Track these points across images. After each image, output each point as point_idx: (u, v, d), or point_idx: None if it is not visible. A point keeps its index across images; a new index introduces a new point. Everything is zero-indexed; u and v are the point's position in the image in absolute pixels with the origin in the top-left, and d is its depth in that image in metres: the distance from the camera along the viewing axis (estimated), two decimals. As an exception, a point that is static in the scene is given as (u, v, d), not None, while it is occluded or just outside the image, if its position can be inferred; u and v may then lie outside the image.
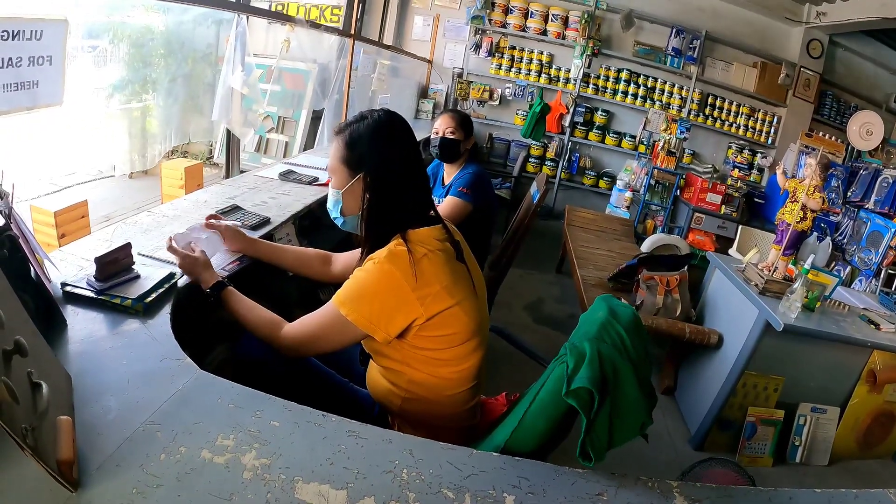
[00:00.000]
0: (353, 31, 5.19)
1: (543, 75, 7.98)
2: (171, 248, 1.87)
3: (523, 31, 7.88)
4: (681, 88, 7.87)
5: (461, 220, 3.04)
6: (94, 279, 1.63)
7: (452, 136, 3.24)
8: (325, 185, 3.13)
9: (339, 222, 1.81)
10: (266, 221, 2.53)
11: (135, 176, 6.72)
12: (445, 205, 3.11)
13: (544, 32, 7.84)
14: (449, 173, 3.36)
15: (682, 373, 3.99)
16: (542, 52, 7.99)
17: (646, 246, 5.55)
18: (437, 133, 3.28)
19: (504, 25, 7.90)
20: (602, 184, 8.17)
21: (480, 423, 1.89)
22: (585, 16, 7.45)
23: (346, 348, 1.69)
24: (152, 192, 6.06)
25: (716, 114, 7.96)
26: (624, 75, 7.90)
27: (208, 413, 1.24)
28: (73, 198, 4.44)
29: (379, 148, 1.68)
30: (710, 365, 3.63)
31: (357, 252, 1.97)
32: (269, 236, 2.44)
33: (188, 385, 1.32)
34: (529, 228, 3.12)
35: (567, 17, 7.74)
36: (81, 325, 1.51)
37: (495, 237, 3.37)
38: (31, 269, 1.46)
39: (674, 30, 7.58)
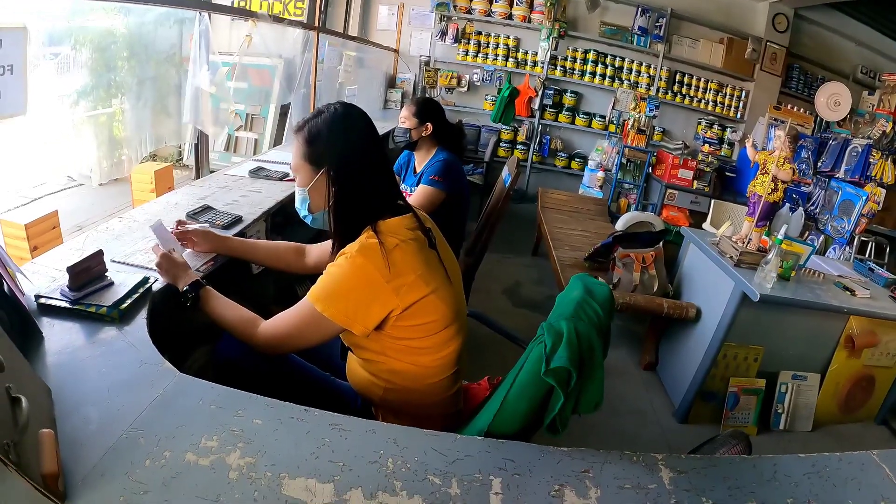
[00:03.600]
0: (317, 24, 5.16)
1: (511, 59, 7.97)
2: (154, 248, 1.88)
3: (489, 16, 7.84)
4: (648, 67, 7.90)
5: (434, 207, 3.04)
6: (67, 289, 1.61)
7: (404, 125, 3.26)
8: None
9: (308, 220, 1.80)
10: (238, 220, 2.51)
11: (104, 183, 6.63)
12: (418, 193, 3.11)
13: (510, 17, 7.81)
14: (420, 161, 3.36)
15: (662, 348, 4.03)
16: (508, 37, 7.98)
17: (620, 224, 5.59)
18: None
19: (469, 11, 7.87)
20: (574, 165, 8.18)
21: (464, 409, 1.90)
22: (551, -2, 7.45)
23: (324, 343, 1.69)
24: (123, 199, 5.98)
25: (684, 90, 8.01)
26: (591, 56, 7.90)
27: (190, 416, 1.24)
28: (43, 209, 4.38)
29: (339, 140, 1.68)
30: (689, 338, 3.67)
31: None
32: (241, 234, 2.42)
33: (168, 389, 1.31)
34: (503, 213, 3.12)
35: (532, 1, 7.71)
36: (58, 336, 1.50)
37: (469, 223, 3.37)
38: (4, 283, 1.44)
39: (639, 9, 7.59)
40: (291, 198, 2.81)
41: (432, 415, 1.76)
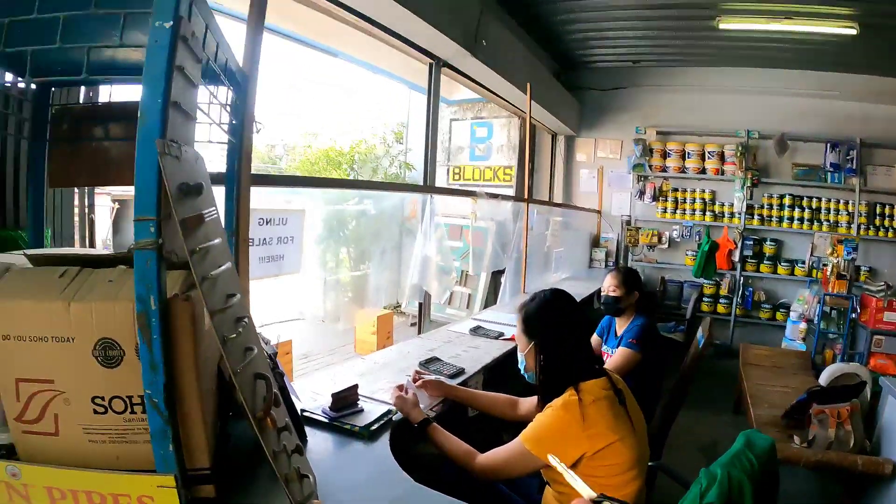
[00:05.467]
0: (526, 196, 5.90)
1: (708, 213, 8.14)
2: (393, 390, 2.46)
3: (683, 172, 8.18)
4: (846, 204, 7.58)
5: (631, 368, 3.40)
6: (328, 409, 2.20)
7: (614, 294, 3.69)
8: (511, 339, 3.62)
9: (526, 377, 2.31)
10: (461, 371, 3.02)
11: (326, 321, 7.49)
12: (617, 355, 3.50)
13: (703, 171, 8.10)
14: (620, 325, 3.75)
15: (861, 510, 3.82)
16: (703, 190, 8.21)
17: (823, 378, 5.44)
18: (603, 291, 3.76)
19: (664, 169, 8.26)
20: (779, 316, 7.96)
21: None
22: (740, 148, 7.69)
23: (527, 476, 2.18)
24: (344, 337, 6.91)
25: (886, 223, 7.53)
26: (787, 200, 7.83)
27: (422, 513, 1.68)
28: (274, 336, 5.12)
29: (545, 322, 2.21)
30: (886, 499, 3.48)
31: None
32: (463, 384, 2.91)
33: (406, 491, 1.77)
34: (694, 372, 3.30)
35: (723, 153, 7.95)
36: (318, 442, 2.06)
37: (668, 381, 3.60)
38: (290, 396, 1.99)
39: (828, 144, 7.55)
40: (506, 355, 3.40)
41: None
